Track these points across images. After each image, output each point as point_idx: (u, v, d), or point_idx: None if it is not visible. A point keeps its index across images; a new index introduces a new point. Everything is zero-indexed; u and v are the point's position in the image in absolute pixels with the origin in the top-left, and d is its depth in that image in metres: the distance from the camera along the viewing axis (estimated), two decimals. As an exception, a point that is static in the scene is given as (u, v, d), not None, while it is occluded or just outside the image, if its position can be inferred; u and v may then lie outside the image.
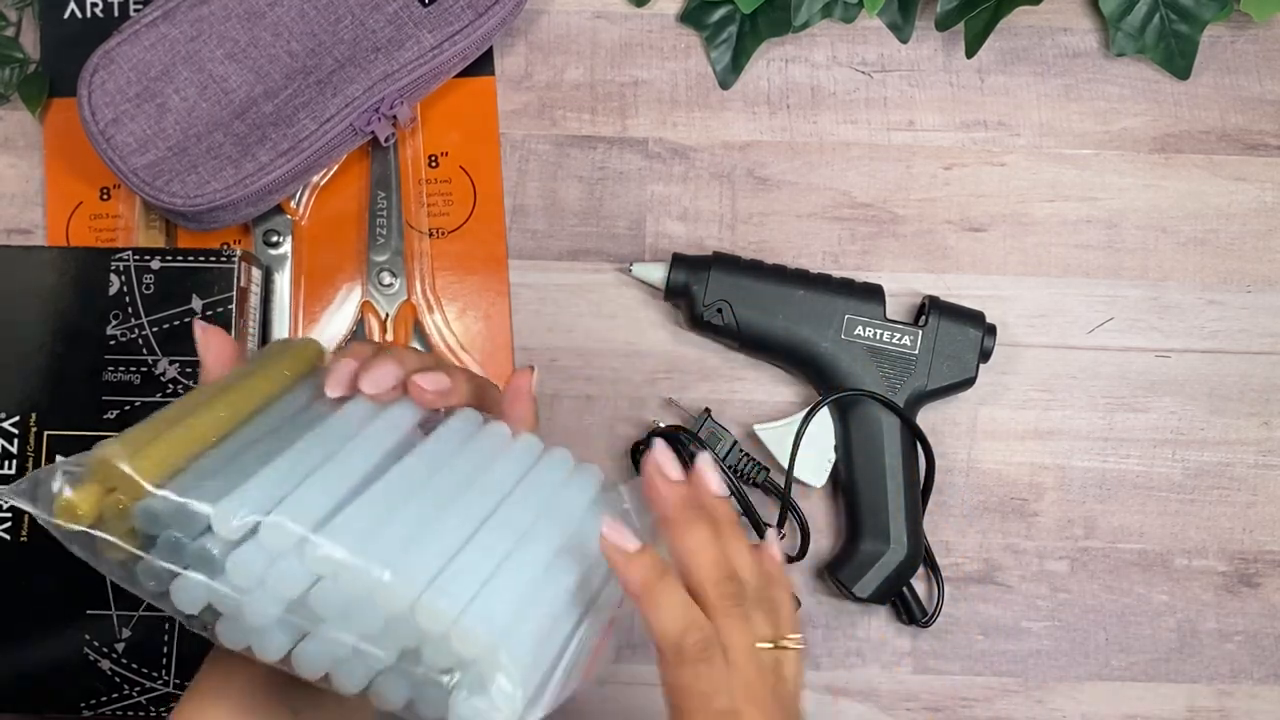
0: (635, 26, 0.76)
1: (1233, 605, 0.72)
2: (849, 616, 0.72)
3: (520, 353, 0.73)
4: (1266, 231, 0.75)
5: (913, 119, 0.75)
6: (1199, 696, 0.72)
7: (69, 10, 0.74)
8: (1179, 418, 0.74)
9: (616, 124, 0.75)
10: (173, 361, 0.68)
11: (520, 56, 0.76)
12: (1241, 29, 0.76)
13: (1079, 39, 0.76)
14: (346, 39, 0.70)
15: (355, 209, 0.74)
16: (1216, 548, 0.73)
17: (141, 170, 0.68)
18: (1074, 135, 0.75)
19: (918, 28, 0.75)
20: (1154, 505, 0.73)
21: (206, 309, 0.68)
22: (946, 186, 0.75)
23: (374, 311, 0.73)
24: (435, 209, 0.74)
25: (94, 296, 0.68)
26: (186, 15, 0.69)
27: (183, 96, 0.69)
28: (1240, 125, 0.75)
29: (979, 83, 0.76)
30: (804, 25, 0.74)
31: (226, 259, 0.68)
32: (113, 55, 0.69)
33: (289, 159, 0.69)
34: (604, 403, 0.73)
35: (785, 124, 0.75)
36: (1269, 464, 0.73)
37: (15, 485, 0.44)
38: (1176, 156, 0.75)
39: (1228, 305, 0.74)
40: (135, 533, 0.44)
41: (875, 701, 0.71)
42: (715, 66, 0.75)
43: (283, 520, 0.43)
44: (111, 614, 0.66)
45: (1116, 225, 0.75)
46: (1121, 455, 0.73)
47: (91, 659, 0.66)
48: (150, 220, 0.72)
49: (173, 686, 0.66)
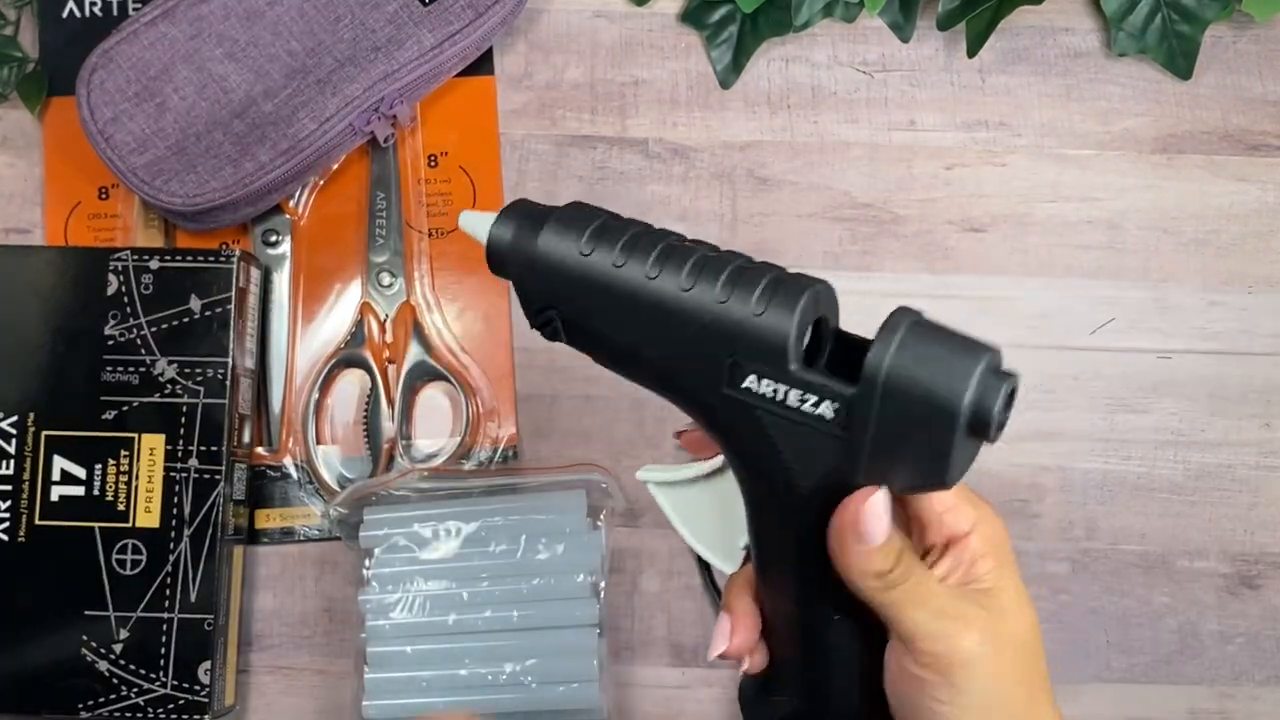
0: (635, 26, 0.76)
1: (1234, 607, 0.72)
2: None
3: (520, 353, 0.73)
4: (1268, 232, 0.75)
5: (914, 119, 0.75)
6: (1200, 698, 0.71)
7: (68, 9, 0.74)
8: (1180, 419, 0.73)
9: (616, 124, 0.75)
10: (171, 361, 0.67)
11: (520, 56, 0.75)
12: (1243, 29, 0.76)
13: (1080, 39, 0.76)
14: (346, 38, 0.70)
15: (354, 209, 0.74)
16: (1218, 549, 0.73)
17: (140, 170, 0.68)
18: (1075, 135, 0.75)
19: (919, 27, 0.75)
20: (1155, 507, 0.73)
21: (205, 309, 0.68)
22: (947, 187, 0.75)
23: (373, 312, 0.73)
24: (435, 209, 0.74)
25: (92, 296, 0.68)
26: (186, 14, 0.69)
27: (182, 96, 0.69)
28: (1242, 126, 0.75)
29: (980, 83, 0.76)
30: (805, 25, 0.74)
31: (225, 259, 0.68)
32: (112, 54, 0.69)
33: (288, 159, 0.68)
34: (604, 403, 0.73)
35: (786, 124, 0.75)
36: (1270, 465, 0.73)
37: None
38: (1178, 157, 0.75)
39: (1229, 306, 0.74)
40: None
41: (875, 703, 0.71)
42: (716, 66, 0.75)
43: None
44: (109, 615, 0.66)
45: (1118, 226, 0.75)
46: (1123, 456, 0.73)
47: (89, 660, 0.66)
48: (149, 220, 0.72)
49: (170, 688, 0.66)
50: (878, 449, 0.40)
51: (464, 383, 0.72)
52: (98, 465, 0.67)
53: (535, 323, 0.46)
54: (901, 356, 0.39)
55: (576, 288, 0.44)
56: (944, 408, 0.38)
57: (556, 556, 0.67)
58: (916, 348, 0.39)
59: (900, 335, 0.39)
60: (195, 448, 0.67)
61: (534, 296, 0.45)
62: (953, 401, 0.38)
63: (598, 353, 0.46)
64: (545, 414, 0.73)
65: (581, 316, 0.45)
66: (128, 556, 0.66)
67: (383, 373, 0.72)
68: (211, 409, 0.67)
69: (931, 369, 0.39)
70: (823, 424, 0.41)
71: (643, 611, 0.71)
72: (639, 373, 0.45)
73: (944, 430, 0.39)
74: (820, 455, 0.41)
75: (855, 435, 0.40)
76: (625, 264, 0.43)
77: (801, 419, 0.41)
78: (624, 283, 0.43)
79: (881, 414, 0.39)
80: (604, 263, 0.44)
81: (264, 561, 0.72)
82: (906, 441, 0.39)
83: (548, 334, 0.46)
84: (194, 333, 0.67)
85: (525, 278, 0.45)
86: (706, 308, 0.42)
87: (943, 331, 0.40)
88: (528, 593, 0.67)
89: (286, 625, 0.71)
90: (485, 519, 0.68)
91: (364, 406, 0.72)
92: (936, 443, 0.39)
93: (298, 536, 0.72)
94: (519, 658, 0.66)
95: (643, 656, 0.71)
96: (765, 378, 0.41)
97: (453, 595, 0.67)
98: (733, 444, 0.44)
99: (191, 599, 0.66)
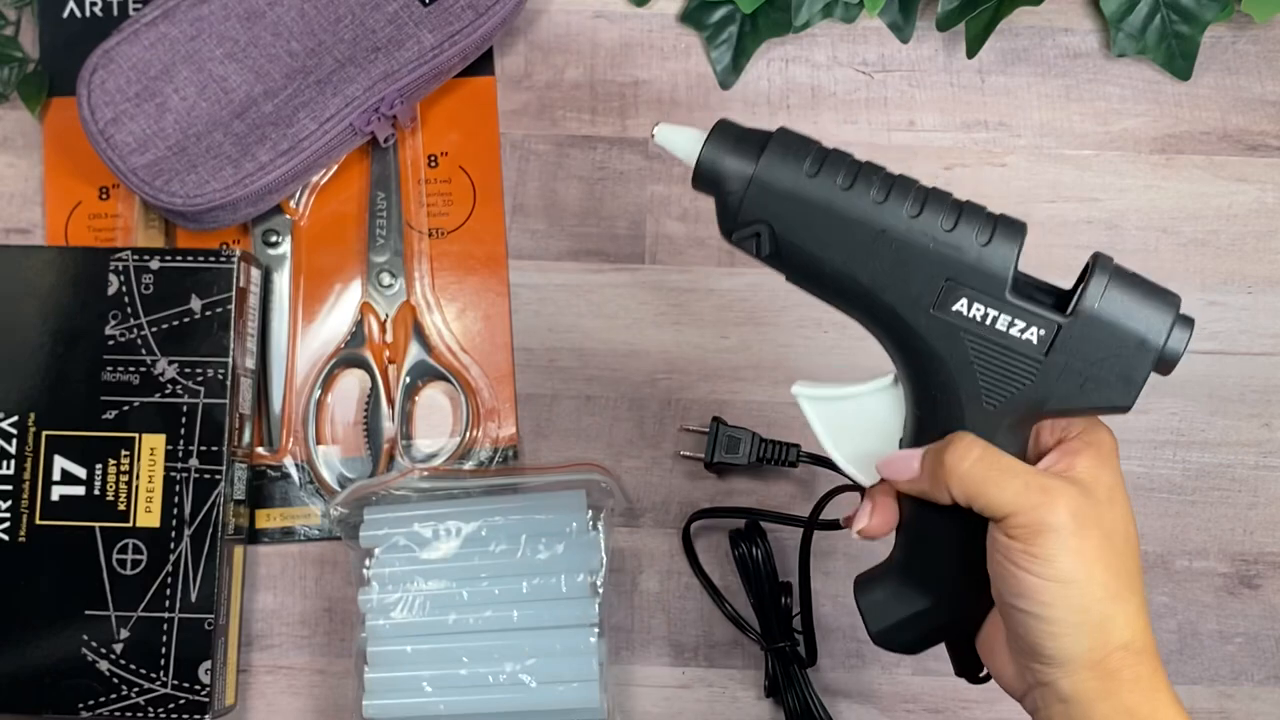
0: (635, 26, 0.76)
1: (1233, 607, 0.72)
2: (847, 618, 0.72)
3: (520, 352, 0.73)
4: (1267, 232, 0.75)
5: (913, 119, 0.75)
6: (1199, 698, 0.71)
7: (68, 9, 0.74)
8: (1179, 419, 0.73)
9: (616, 124, 0.75)
10: (171, 361, 0.67)
11: (520, 56, 0.75)
12: (1242, 30, 0.76)
13: (1080, 39, 0.76)
14: (346, 39, 0.70)
15: (355, 209, 0.74)
16: (1217, 549, 0.73)
17: (141, 170, 0.68)
18: (1075, 136, 0.75)
19: (918, 28, 0.75)
20: (1154, 506, 0.73)
21: (206, 309, 0.68)
22: (947, 187, 0.74)
23: (373, 312, 0.73)
24: (435, 209, 0.74)
25: (93, 296, 0.68)
26: (186, 14, 0.69)
27: (182, 96, 0.69)
28: (1241, 126, 0.75)
29: (979, 83, 0.76)
30: (804, 25, 0.74)
31: (226, 259, 0.68)
32: (112, 54, 0.69)
33: (289, 159, 0.68)
34: (604, 403, 0.73)
35: (785, 124, 0.75)
36: (1270, 465, 0.73)
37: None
38: (1177, 157, 0.75)
39: (1229, 306, 0.74)
40: None
41: (875, 703, 0.71)
42: (715, 66, 0.75)
43: None
44: (110, 614, 0.66)
45: (1117, 226, 0.75)
46: (1123, 456, 0.72)
47: (89, 659, 0.66)
48: (149, 220, 0.72)
49: (170, 688, 0.66)
50: (1074, 374, 0.46)
51: (464, 383, 0.72)
52: (98, 465, 0.67)
53: (737, 236, 0.48)
54: (1111, 295, 0.46)
55: (800, 206, 0.47)
56: (1145, 344, 0.46)
57: (556, 556, 0.67)
58: (1122, 289, 0.46)
59: (1109, 277, 0.46)
60: (196, 448, 0.67)
61: (746, 211, 0.47)
62: (1153, 340, 0.46)
63: (799, 269, 0.48)
64: (545, 414, 0.73)
65: (798, 235, 0.47)
66: (128, 556, 0.66)
67: (383, 373, 0.72)
68: (212, 409, 0.67)
69: (1134, 309, 0.46)
70: (1027, 348, 0.46)
71: (642, 611, 0.71)
72: (840, 290, 0.48)
73: (1141, 363, 0.46)
74: (1014, 376, 0.47)
75: (1054, 360, 0.46)
76: (852, 188, 0.47)
77: (1005, 342, 0.47)
78: (851, 205, 0.46)
79: (1086, 344, 0.46)
80: (830, 185, 0.47)
81: (264, 561, 0.72)
82: (1102, 369, 0.46)
83: (747, 247, 0.48)
84: (194, 333, 0.68)
85: (738, 193, 0.47)
86: (932, 234, 0.46)
87: (1138, 277, 0.47)
88: (528, 592, 0.67)
89: (286, 625, 0.71)
90: (485, 519, 0.68)
91: (364, 406, 0.72)
92: (1131, 372, 0.46)
93: (298, 536, 0.72)
94: (519, 657, 0.66)
95: (643, 656, 0.71)
96: (977, 302, 0.46)
97: (453, 595, 0.67)
98: (924, 363, 0.48)
99: (192, 599, 0.66)
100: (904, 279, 0.47)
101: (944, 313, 0.47)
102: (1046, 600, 0.47)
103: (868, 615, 0.54)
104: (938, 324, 0.47)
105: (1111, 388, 0.47)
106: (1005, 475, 0.47)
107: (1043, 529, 0.46)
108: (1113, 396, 0.47)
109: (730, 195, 0.48)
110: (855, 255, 0.47)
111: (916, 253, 0.46)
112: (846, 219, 0.47)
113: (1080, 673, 0.48)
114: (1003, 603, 0.49)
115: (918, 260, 0.46)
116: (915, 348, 0.48)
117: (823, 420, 0.51)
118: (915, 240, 0.46)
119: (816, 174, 0.47)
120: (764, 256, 0.48)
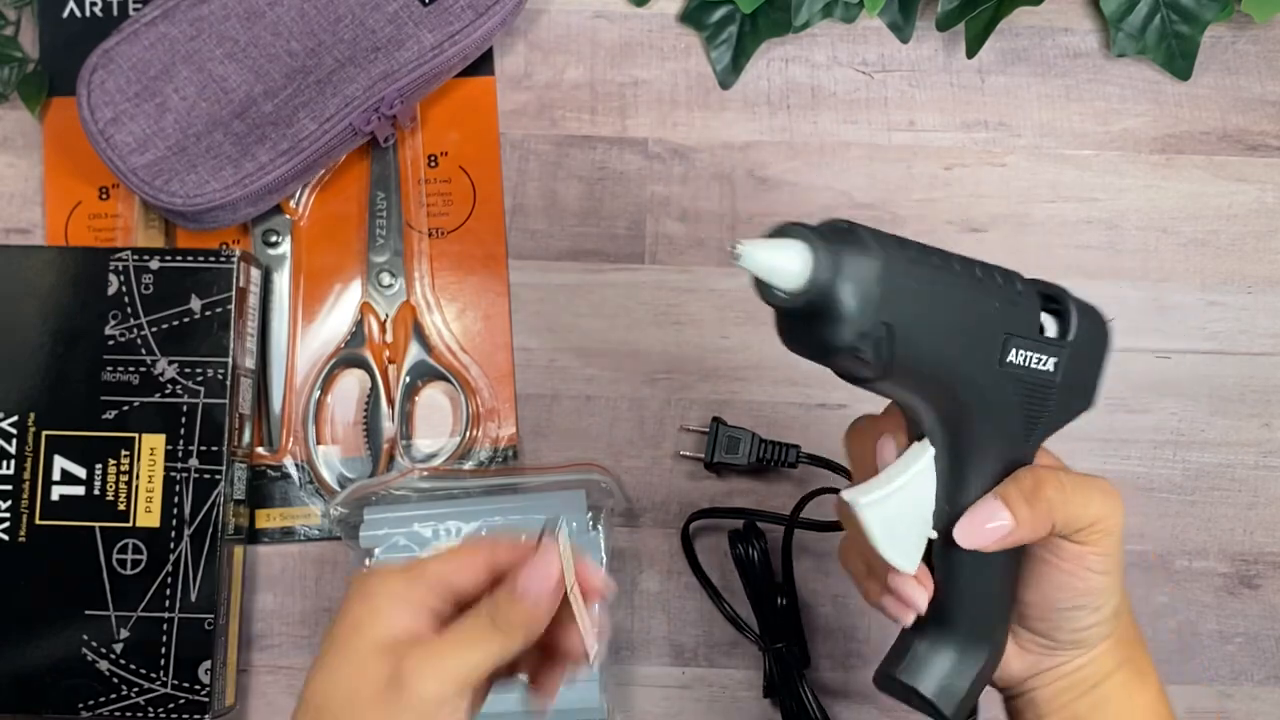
0: (635, 26, 0.76)
1: (1233, 607, 0.72)
2: (847, 618, 0.72)
3: (520, 352, 0.73)
4: (1267, 232, 0.75)
5: (913, 119, 0.75)
6: (1199, 698, 0.71)
7: (68, 9, 0.74)
8: (1179, 419, 0.73)
9: (616, 124, 0.75)
10: (171, 361, 0.67)
11: (520, 56, 0.75)
12: (1242, 30, 0.76)
13: (1080, 39, 0.76)
14: (346, 38, 0.70)
15: (355, 209, 0.74)
16: (1217, 549, 0.73)
17: (141, 170, 0.68)
18: (1075, 136, 0.75)
19: (918, 28, 0.75)
20: (1154, 506, 0.73)
21: (205, 309, 0.68)
22: (947, 187, 0.75)
23: (373, 312, 0.73)
24: (435, 209, 0.74)
25: (93, 296, 0.68)
26: (186, 14, 0.69)
27: (182, 96, 0.69)
28: (1241, 126, 0.75)
29: (979, 83, 0.76)
30: (804, 25, 0.74)
31: (225, 259, 0.68)
32: (112, 54, 0.69)
33: (289, 159, 0.68)
34: (604, 403, 0.73)
35: (785, 124, 0.75)
36: (1269, 465, 0.73)
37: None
38: (1177, 157, 0.75)
39: (1228, 306, 0.74)
40: None
41: (875, 703, 0.71)
42: (715, 66, 0.75)
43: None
44: (110, 614, 0.66)
45: (1117, 226, 0.75)
46: (1122, 456, 0.73)
47: (89, 659, 0.66)
48: (149, 220, 0.72)
49: (170, 688, 0.66)
50: (1067, 390, 0.49)
51: (464, 383, 0.72)
52: (98, 465, 0.67)
53: (861, 345, 0.42)
54: (1081, 311, 0.49)
55: (913, 294, 0.43)
56: (1105, 343, 0.50)
57: (556, 556, 0.67)
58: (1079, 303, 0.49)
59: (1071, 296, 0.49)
60: (196, 448, 0.67)
61: (870, 310, 0.41)
62: (1108, 338, 0.50)
63: (906, 369, 0.44)
64: (545, 414, 0.73)
65: (914, 324, 0.43)
66: (128, 556, 0.66)
67: (383, 373, 0.72)
68: (212, 409, 0.67)
69: (1091, 319, 0.49)
70: (1049, 378, 0.48)
71: (643, 611, 0.71)
72: (933, 376, 0.45)
73: (1101, 362, 0.50)
74: (1044, 407, 0.48)
75: (1063, 383, 0.48)
76: (939, 266, 0.44)
77: (1039, 379, 0.48)
78: (944, 282, 0.44)
79: (1075, 360, 0.48)
80: (925, 266, 0.44)
81: (264, 561, 0.72)
82: (1081, 378, 0.49)
83: (863, 357, 0.42)
84: (194, 333, 0.68)
85: (864, 297, 0.41)
86: (995, 295, 0.46)
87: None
88: (528, 592, 0.67)
89: (286, 625, 0.71)
90: (485, 519, 0.68)
91: (364, 406, 0.72)
92: (1096, 374, 0.50)
93: (298, 536, 0.72)
94: None
95: (643, 656, 0.71)
96: (1023, 349, 0.47)
97: (453, 595, 0.67)
98: (978, 418, 0.47)
99: (192, 599, 0.66)
100: (980, 340, 0.46)
101: (1003, 365, 0.46)
102: (1101, 589, 0.49)
103: (941, 702, 0.50)
104: (1000, 378, 0.46)
105: (1084, 394, 0.50)
106: (1084, 489, 0.48)
107: (1115, 529, 0.48)
108: (1083, 402, 0.50)
109: (843, 304, 0.41)
110: (953, 327, 0.45)
111: (989, 313, 0.46)
112: (948, 295, 0.44)
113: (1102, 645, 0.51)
114: (1053, 609, 0.50)
115: (991, 324, 0.46)
116: (971, 405, 0.47)
117: (880, 523, 0.47)
118: (987, 303, 0.46)
119: (913, 258, 0.43)
120: (885, 362, 0.42)
